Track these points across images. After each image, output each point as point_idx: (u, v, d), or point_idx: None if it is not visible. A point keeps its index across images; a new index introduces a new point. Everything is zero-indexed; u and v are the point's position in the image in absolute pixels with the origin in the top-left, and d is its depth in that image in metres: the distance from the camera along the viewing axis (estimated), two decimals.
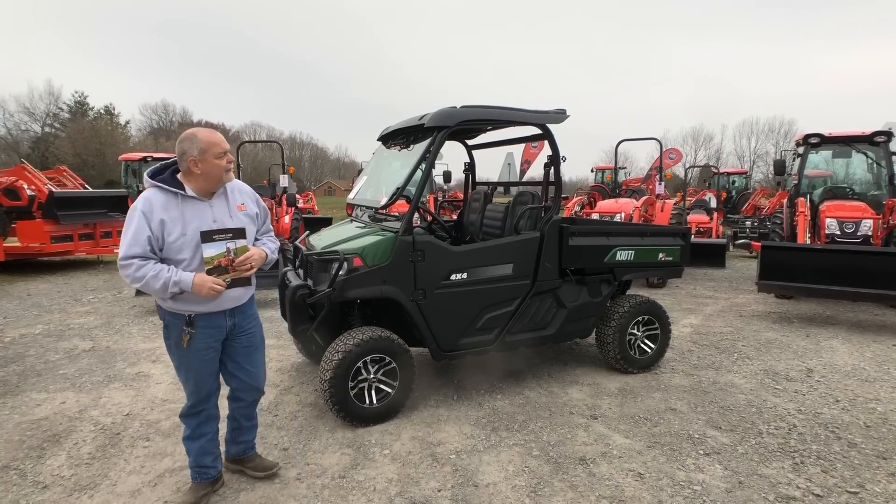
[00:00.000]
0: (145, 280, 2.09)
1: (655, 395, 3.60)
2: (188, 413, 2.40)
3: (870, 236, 6.16)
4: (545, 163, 3.74)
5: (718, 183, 18.53)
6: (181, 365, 2.31)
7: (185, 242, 2.16)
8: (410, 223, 3.20)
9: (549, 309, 3.70)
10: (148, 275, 2.09)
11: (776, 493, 2.48)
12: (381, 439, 2.98)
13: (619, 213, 8.02)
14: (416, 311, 3.21)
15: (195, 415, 2.38)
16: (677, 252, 4.15)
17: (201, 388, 2.34)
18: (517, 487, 2.53)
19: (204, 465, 2.44)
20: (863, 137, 6.97)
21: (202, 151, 2.14)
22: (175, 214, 2.15)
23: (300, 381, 3.88)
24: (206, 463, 2.44)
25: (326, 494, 2.48)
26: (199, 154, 2.14)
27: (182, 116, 52.96)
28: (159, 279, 2.09)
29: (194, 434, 2.40)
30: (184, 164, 2.17)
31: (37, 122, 37.62)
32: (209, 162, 2.16)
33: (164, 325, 2.28)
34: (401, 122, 3.83)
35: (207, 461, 2.44)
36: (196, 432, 2.40)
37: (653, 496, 2.46)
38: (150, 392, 3.71)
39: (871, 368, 4.17)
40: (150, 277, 2.09)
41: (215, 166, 2.18)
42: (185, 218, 2.16)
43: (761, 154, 47.52)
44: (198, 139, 2.15)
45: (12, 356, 4.47)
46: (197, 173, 2.17)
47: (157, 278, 2.09)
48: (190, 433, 2.41)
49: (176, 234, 2.14)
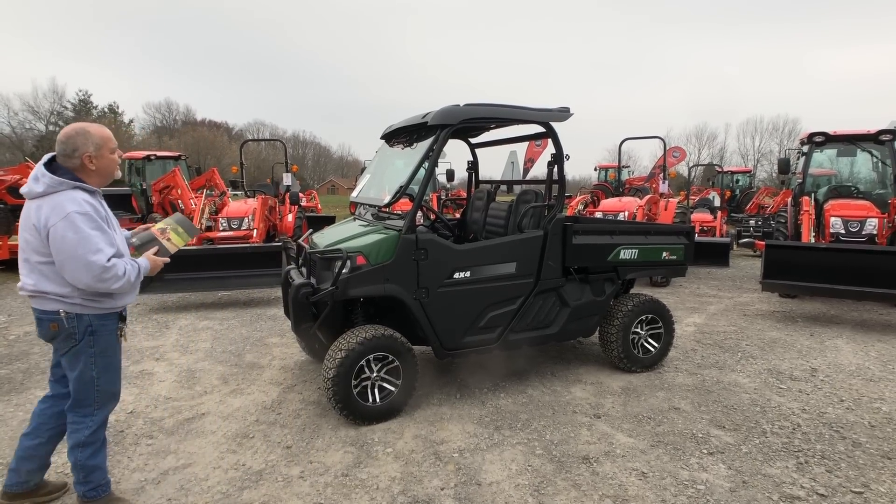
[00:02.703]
0: (127, 276, 2.07)
1: (659, 395, 3.59)
2: (102, 423, 2.25)
3: (875, 235, 6.13)
4: (548, 161, 3.73)
5: (722, 182, 18.46)
6: (108, 368, 2.21)
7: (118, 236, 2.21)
8: (414, 221, 3.20)
9: (553, 308, 3.69)
10: (128, 270, 2.08)
11: (780, 493, 2.47)
12: (384, 437, 2.98)
13: (622, 212, 8.00)
14: (419, 310, 3.21)
15: (105, 422, 2.28)
16: (681, 251, 4.14)
17: (119, 388, 2.31)
18: (520, 486, 2.53)
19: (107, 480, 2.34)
20: (868, 136, 6.92)
21: (98, 147, 2.10)
22: (103, 211, 2.14)
23: (303, 379, 3.89)
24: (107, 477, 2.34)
25: (329, 492, 2.48)
26: (94, 150, 2.09)
27: (185, 115, 53.20)
28: (135, 271, 2.12)
29: (102, 445, 2.28)
30: (76, 160, 2.07)
31: (41, 121, 37.78)
32: (105, 157, 2.13)
33: (87, 336, 2.12)
34: (404, 121, 3.82)
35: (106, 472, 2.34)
36: (103, 443, 2.29)
37: (656, 495, 2.45)
38: (153, 390, 3.72)
39: (876, 368, 4.15)
40: (130, 272, 2.09)
41: (111, 161, 2.16)
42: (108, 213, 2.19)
43: (765, 153, 47.33)
44: (91, 134, 2.09)
45: (17, 354, 4.49)
46: (92, 169, 2.11)
47: (134, 271, 2.11)
48: (99, 446, 2.26)
49: (116, 228, 2.19)
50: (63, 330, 2.11)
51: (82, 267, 1.99)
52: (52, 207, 2.00)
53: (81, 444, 2.21)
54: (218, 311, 5.97)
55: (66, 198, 2.03)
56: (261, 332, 5.15)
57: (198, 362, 4.29)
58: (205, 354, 4.48)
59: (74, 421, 2.22)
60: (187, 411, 3.36)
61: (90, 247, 2.00)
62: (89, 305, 2.12)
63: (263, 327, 5.30)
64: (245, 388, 3.74)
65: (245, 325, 5.40)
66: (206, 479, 2.59)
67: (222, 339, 4.90)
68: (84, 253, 1.98)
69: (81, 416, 2.21)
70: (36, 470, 2.33)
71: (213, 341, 4.85)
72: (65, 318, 2.09)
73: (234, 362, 4.28)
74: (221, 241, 7.80)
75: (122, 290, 2.10)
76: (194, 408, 3.41)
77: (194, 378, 3.94)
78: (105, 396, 2.24)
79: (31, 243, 2.06)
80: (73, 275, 2.02)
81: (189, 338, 4.97)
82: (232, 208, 8.70)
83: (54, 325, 2.10)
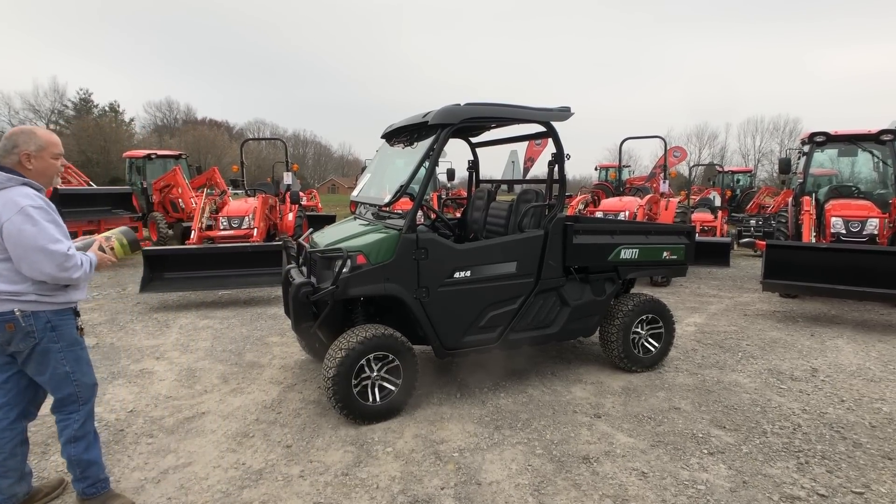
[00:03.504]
0: (84, 266, 2.08)
1: (659, 394, 3.59)
2: (89, 415, 2.27)
3: (875, 235, 6.12)
4: (549, 160, 3.72)
5: (723, 181, 18.44)
6: (79, 360, 2.21)
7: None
8: (414, 221, 3.20)
9: (553, 307, 3.68)
10: (84, 261, 2.09)
11: (780, 493, 2.47)
12: (384, 437, 2.98)
13: (623, 212, 7.99)
14: (419, 309, 3.21)
15: (91, 413, 2.29)
16: (682, 251, 4.13)
17: (95, 379, 2.31)
18: (520, 486, 2.53)
19: (105, 476, 2.36)
20: (869, 136, 6.90)
21: (40, 148, 2.10)
22: (53, 208, 2.13)
23: (303, 378, 3.89)
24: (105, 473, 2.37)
25: (329, 492, 2.48)
26: (35, 150, 2.09)
27: (186, 114, 53.16)
28: (88, 262, 2.11)
29: (95, 438, 2.30)
30: (13, 157, 2.07)
31: (42, 120, 37.75)
32: (45, 160, 2.13)
33: (49, 332, 2.11)
34: (405, 120, 3.82)
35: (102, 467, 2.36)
36: (95, 436, 2.31)
37: (656, 495, 2.45)
38: (153, 389, 3.72)
39: (877, 368, 4.14)
40: (86, 262, 2.10)
41: (51, 165, 2.16)
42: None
43: (766, 153, 47.29)
44: (36, 136, 2.11)
45: None
46: (29, 168, 2.10)
47: (88, 263, 2.11)
48: (91, 439, 2.28)
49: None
50: (20, 330, 2.07)
51: (44, 257, 1.98)
52: (4, 203, 1.98)
53: (73, 438, 2.23)
54: (218, 311, 5.98)
55: (16, 193, 2.01)
56: (261, 331, 5.15)
57: (198, 361, 4.29)
58: (205, 353, 4.48)
59: (62, 419, 2.23)
60: (187, 410, 3.36)
61: (49, 237, 1.99)
62: (45, 301, 2.09)
63: (264, 326, 5.31)
64: (245, 387, 3.74)
65: (245, 324, 5.41)
66: (206, 478, 2.59)
67: (222, 338, 4.90)
68: (45, 243, 1.98)
69: (67, 413, 2.22)
70: (17, 482, 2.27)
71: (213, 340, 4.85)
72: (20, 316, 2.06)
73: (235, 361, 4.28)
74: (222, 240, 7.80)
75: (80, 280, 2.11)
76: (194, 407, 3.41)
77: (194, 377, 3.94)
78: (85, 389, 2.25)
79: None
80: (35, 266, 1.99)
81: (189, 337, 4.97)
82: (232, 207, 8.70)
83: (10, 326, 2.05)
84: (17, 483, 2.27)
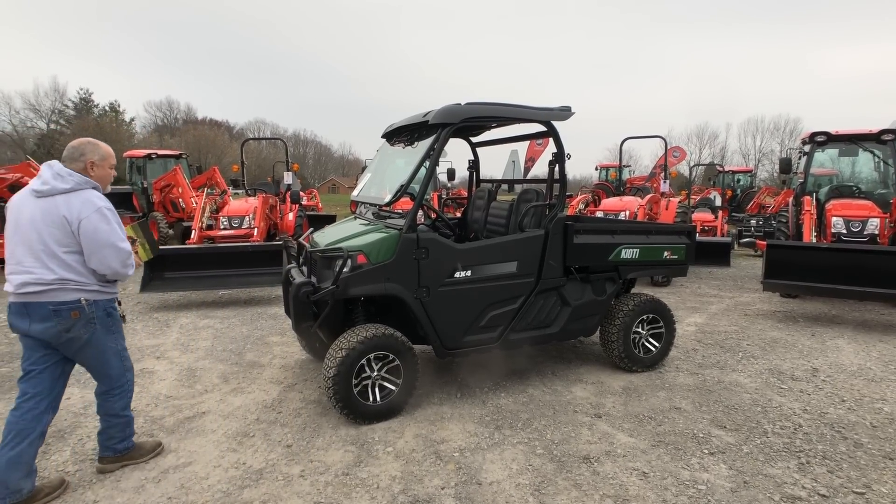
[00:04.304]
0: (133, 266, 2.48)
1: (660, 394, 3.59)
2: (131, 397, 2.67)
3: (876, 235, 6.11)
4: (550, 160, 3.72)
5: (724, 181, 18.42)
6: (123, 344, 2.58)
7: None
8: (415, 220, 3.19)
9: (554, 307, 3.68)
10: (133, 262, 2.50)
11: (781, 493, 2.46)
12: (384, 437, 2.98)
13: (623, 212, 7.99)
14: (419, 309, 3.20)
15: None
16: (682, 250, 4.12)
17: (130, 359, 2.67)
18: (521, 486, 2.52)
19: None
20: (870, 136, 6.90)
21: (102, 158, 2.44)
22: None
23: (303, 378, 3.89)
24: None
25: (330, 491, 2.48)
26: (98, 159, 2.42)
27: (186, 113, 53.15)
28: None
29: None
30: (80, 163, 2.38)
31: (42, 119, 37.79)
32: (104, 169, 2.46)
33: (106, 318, 2.45)
34: (405, 119, 3.82)
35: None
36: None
37: (657, 495, 2.44)
38: (154, 388, 3.72)
39: (878, 368, 4.14)
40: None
41: (108, 174, 2.50)
42: None
43: (766, 152, 47.28)
44: (100, 147, 2.45)
45: (18, 353, 4.47)
46: (91, 175, 2.41)
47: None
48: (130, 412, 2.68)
49: None
50: (83, 317, 2.34)
51: (113, 253, 2.32)
52: (83, 202, 2.29)
53: (126, 405, 2.62)
54: (219, 310, 5.97)
55: (92, 195, 2.35)
56: (261, 330, 5.15)
57: (198, 361, 4.29)
58: (205, 353, 4.48)
59: (116, 394, 2.56)
60: (188, 410, 3.36)
61: (118, 236, 2.36)
62: (104, 291, 2.43)
63: (264, 326, 5.30)
64: (245, 386, 3.74)
65: (246, 323, 5.40)
66: (206, 478, 2.59)
67: (223, 338, 4.90)
68: (115, 241, 2.33)
69: (119, 387, 2.56)
70: (24, 477, 2.32)
71: (213, 340, 4.85)
72: (85, 304, 2.34)
73: (235, 361, 4.28)
74: (222, 240, 7.80)
75: (129, 276, 2.46)
76: (195, 406, 3.41)
77: (195, 377, 3.94)
78: (130, 368, 2.64)
79: (55, 235, 2.26)
80: (104, 261, 2.32)
81: (190, 336, 4.97)
82: (233, 207, 8.69)
83: (75, 313, 2.32)
84: (24, 478, 2.32)
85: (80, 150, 2.39)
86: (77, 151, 2.38)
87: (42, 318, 2.27)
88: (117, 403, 2.58)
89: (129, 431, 2.69)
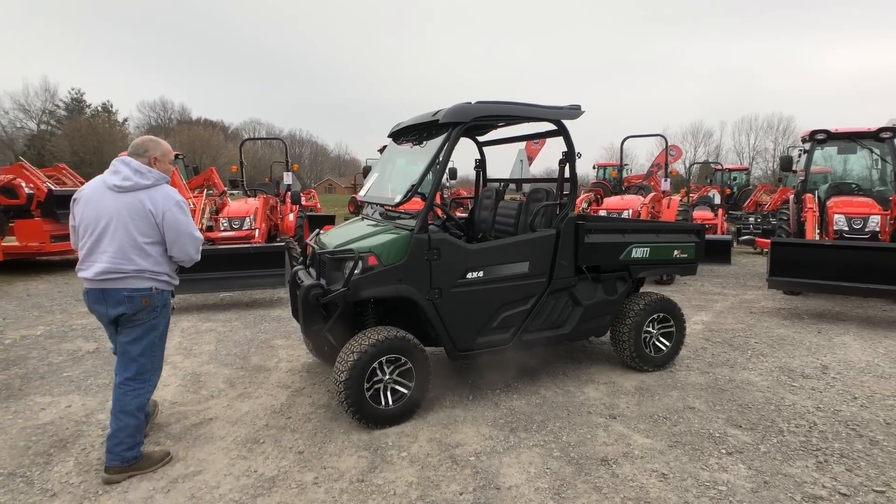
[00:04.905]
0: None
1: (673, 394, 3.56)
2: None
3: (878, 232, 6.14)
4: (560, 159, 3.68)
5: (722, 180, 18.52)
6: (165, 336, 2.72)
7: None
8: (426, 221, 3.14)
9: (566, 307, 3.64)
10: None
11: (803, 493, 2.44)
12: (397, 441, 2.93)
13: (626, 210, 7.98)
14: (432, 311, 3.15)
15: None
16: (692, 249, 4.11)
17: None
18: (540, 490, 2.48)
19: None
20: (869, 133, 6.94)
21: (163, 154, 2.65)
22: None
23: (311, 382, 3.82)
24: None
25: (345, 499, 2.42)
26: (160, 155, 2.64)
27: (180, 114, 52.81)
28: None
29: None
30: (144, 158, 2.58)
31: (32, 120, 37.34)
32: (165, 164, 2.67)
33: (163, 308, 2.62)
34: (413, 119, 3.76)
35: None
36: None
37: (678, 497, 2.41)
38: (157, 395, 3.62)
39: (886, 364, 4.14)
40: None
41: (168, 169, 2.70)
42: None
43: (760, 150, 47.65)
44: (161, 144, 2.67)
45: (14, 359, 4.39)
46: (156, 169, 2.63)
47: None
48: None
49: None
50: (152, 304, 2.56)
51: (191, 242, 2.58)
52: (164, 196, 2.52)
53: (141, 405, 2.63)
54: (220, 313, 5.89)
55: (169, 189, 2.59)
56: (265, 333, 5.07)
57: (202, 365, 4.21)
58: (209, 357, 4.41)
59: (136, 387, 2.60)
60: (194, 416, 3.29)
61: (194, 226, 2.61)
62: (170, 282, 2.66)
63: (268, 329, 5.23)
64: (252, 391, 3.67)
65: (249, 326, 5.33)
66: (217, 487, 2.52)
67: (226, 342, 4.82)
68: (192, 230, 2.58)
69: (142, 381, 2.62)
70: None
71: (217, 344, 4.77)
72: (156, 293, 2.57)
73: (240, 365, 4.20)
74: (223, 242, 7.69)
75: (198, 261, 2.70)
76: (201, 413, 3.34)
77: (200, 382, 3.87)
78: (160, 364, 2.75)
79: (140, 227, 2.47)
80: (184, 249, 2.57)
81: (192, 340, 4.89)
82: (233, 208, 8.58)
83: (146, 300, 2.53)
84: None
85: (144, 147, 2.60)
86: (142, 147, 2.60)
87: (117, 302, 2.49)
88: (134, 400, 2.59)
89: (139, 439, 2.64)
